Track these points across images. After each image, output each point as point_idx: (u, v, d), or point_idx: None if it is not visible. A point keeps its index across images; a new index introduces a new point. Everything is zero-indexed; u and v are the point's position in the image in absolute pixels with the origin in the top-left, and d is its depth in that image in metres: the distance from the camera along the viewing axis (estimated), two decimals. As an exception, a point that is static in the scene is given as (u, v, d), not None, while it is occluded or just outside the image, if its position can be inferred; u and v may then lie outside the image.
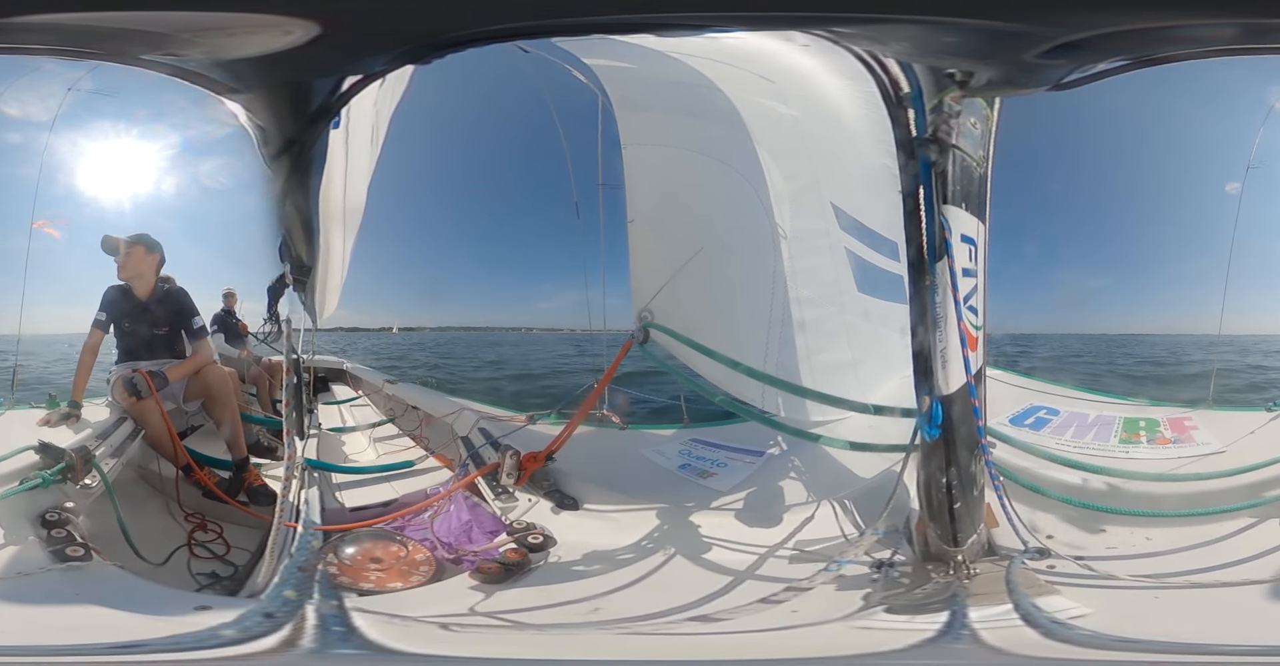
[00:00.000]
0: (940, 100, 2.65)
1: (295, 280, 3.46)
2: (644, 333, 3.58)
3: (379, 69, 2.72)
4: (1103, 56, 2.61)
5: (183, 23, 2.43)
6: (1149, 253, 3.60)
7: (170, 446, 3.39)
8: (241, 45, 2.51)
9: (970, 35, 2.54)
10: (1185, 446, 3.43)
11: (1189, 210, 3.54)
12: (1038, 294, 3.60)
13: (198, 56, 2.57)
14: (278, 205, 3.18)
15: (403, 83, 3.27)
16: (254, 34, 2.43)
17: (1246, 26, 2.55)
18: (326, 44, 2.42)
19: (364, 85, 2.79)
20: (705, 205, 3.71)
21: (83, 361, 3.35)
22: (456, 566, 3.01)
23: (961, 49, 2.60)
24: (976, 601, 2.55)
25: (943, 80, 2.65)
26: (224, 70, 2.64)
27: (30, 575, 2.62)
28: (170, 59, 2.60)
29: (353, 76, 2.72)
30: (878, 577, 2.77)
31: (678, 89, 3.50)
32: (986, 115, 2.75)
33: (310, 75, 2.69)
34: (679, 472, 3.51)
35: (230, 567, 3.13)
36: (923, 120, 2.68)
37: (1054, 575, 2.73)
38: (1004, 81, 2.69)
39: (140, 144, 3.40)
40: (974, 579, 2.70)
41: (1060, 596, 2.57)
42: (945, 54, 2.63)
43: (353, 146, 3.46)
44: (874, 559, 2.86)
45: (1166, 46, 2.61)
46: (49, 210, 3.31)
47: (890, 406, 3.35)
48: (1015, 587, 2.60)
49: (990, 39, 2.54)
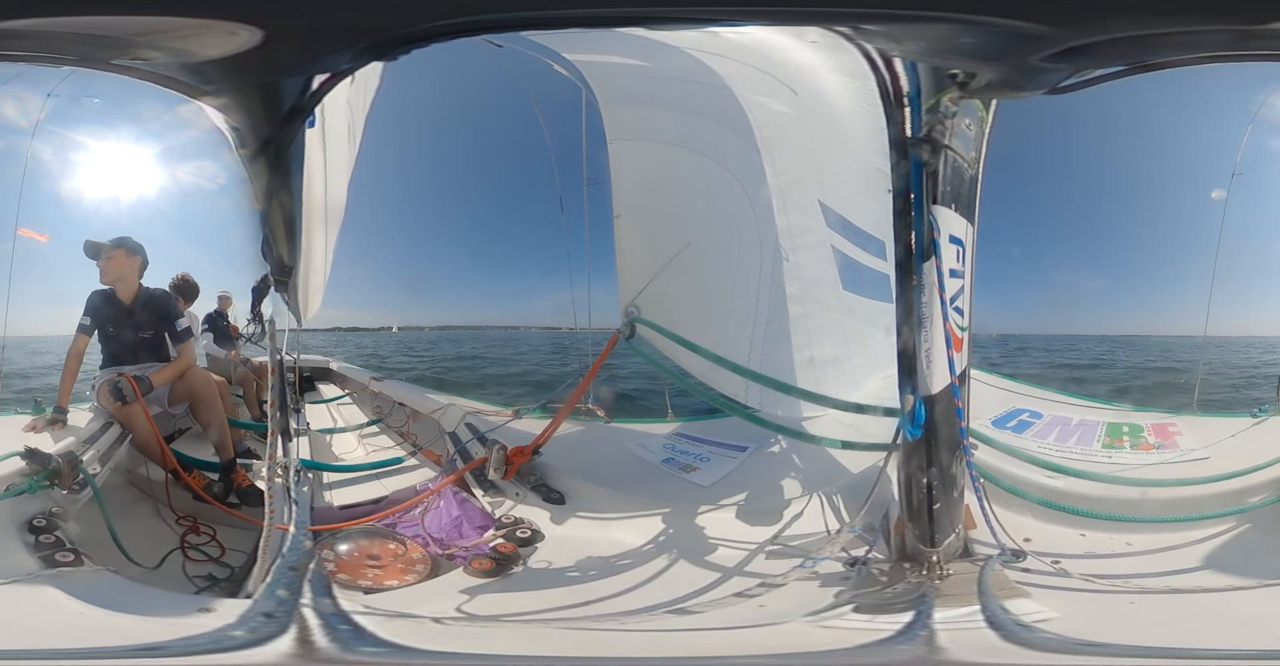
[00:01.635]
0: (938, 100, 2.63)
1: (277, 280, 3.45)
2: (630, 327, 3.57)
3: (345, 67, 2.70)
4: (1102, 62, 2.61)
5: (136, 27, 2.42)
6: (1140, 255, 3.62)
7: (158, 450, 3.40)
8: (201, 47, 2.49)
9: (988, 35, 2.51)
10: (1169, 452, 3.43)
11: (1177, 214, 3.56)
12: (1026, 295, 3.63)
13: (162, 60, 2.55)
14: (260, 206, 3.17)
15: (375, 80, 3.26)
16: (205, 36, 2.42)
17: (1237, 33, 2.54)
18: (278, 44, 2.40)
19: (333, 83, 2.76)
20: (692, 200, 3.70)
21: (68, 366, 3.35)
22: (450, 561, 3.05)
23: (974, 50, 2.58)
24: (945, 602, 2.55)
25: (944, 81, 2.63)
26: (191, 73, 2.62)
27: (19, 582, 2.61)
28: (138, 63, 2.58)
29: (320, 75, 2.70)
30: (850, 575, 2.78)
31: (666, 84, 3.48)
32: (981, 117, 2.73)
33: (275, 75, 2.67)
34: (662, 466, 3.52)
35: (227, 569, 3.15)
36: (918, 120, 2.66)
37: (1028, 577, 2.73)
38: (1003, 84, 2.68)
39: (119, 148, 3.41)
40: (945, 579, 2.70)
41: (1029, 599, 2.57)
42: (957, 54, 2.61)
43: (330, 145, 3.45)
44: (849, 556, 2.87)
45: (1162, 53, 2.60)
46: (30, 215, 3.31)
47: (873, 405, 3.35)
48: (986, 589, 2.61)
49: (1005, 40, 2.52)
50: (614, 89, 3.59)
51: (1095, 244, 3.62)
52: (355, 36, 2.50)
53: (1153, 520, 3.11)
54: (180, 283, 3.60)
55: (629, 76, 3.52)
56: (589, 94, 3.59)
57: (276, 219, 3.26)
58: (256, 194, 3.09)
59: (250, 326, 3.61)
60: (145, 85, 2.78)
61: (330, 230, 3.72)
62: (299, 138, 3.03)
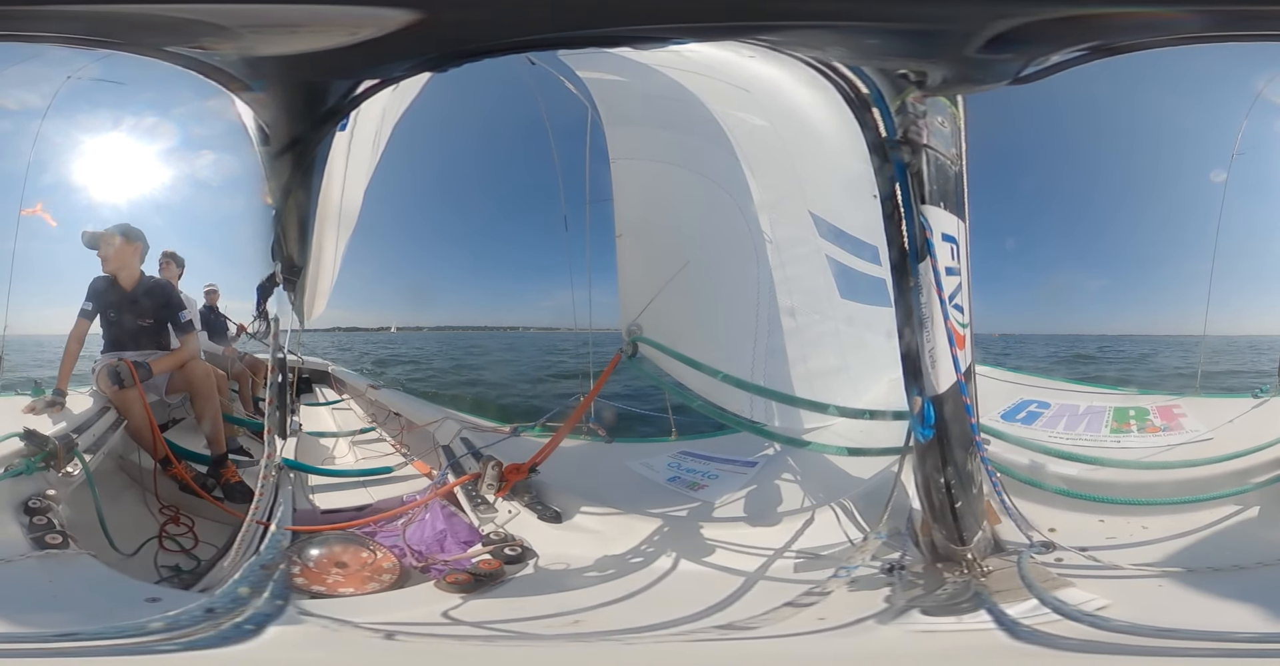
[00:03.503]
0: (903, 101, 2.64)
1: (285, 279, 3.45)
2: (632, 346, 3.59)
3: (398, 74, 2.71)
4: (1052, 47, 2.54)
5: (249, 16, 2.43)
6: (1136, 248, 3.60)
7: (150, 438, 3.36)
8: (282, 42, 2.51)
9: (891, 37, 2.53)
10: (1175, 434, 3.46)
11: (1173, 201, 3.55)
12: (1020, 292, 3.61)
13: (227, 51, 2.55)
14: (275, 203, 3.17)
15: (415, 89, 3.29)
16: (301, 32, 2.43)
17: (1211, 14, 2.52)
18: (376, 46, 2.41)
19: (379, 89, 2.77)
20: (688, 218, 3.76)
21: (68, 350, 3.31)
22: (424, 575, 2.97)
23: (895, 50, 2.58)
24: (1002, 598, 2.56)
25: (899, 82, 2.63)
26: (247, 66, 2.62)
27: (10, 562, 2.62)
28: (195, 51, 2.58)
29: (370, 80, 2.72)
30: (894, 581, 2.75)
31: (656, 102, 3.55)
32: (953, 113, 2.74)
33: (332, 77, 2.67)
34: (668, 485, 3.48)
35: (195, 561, 3.11)
36: (891, 122, 2.67)
37: (1062, 568, 2.75)
38: (960, 79, 2.65)
39: (135, 136, 3.38)
40: (989, 576, 2.71)
41: (1077, 589, 2.59)
42: (883, 56, 2.60)
43: (354, 149, 3.48)
44: (884, 562, 2.83)
45: (1121, 35, 2.54)
46: (37, 199, 3.28)
47: (881, 410, 3.36)
48: (1031, 583, 2.61)
49: (916, 39, 2.53)
50: (615, 108, 3.65)
51: (1093, 240, 3.63)
52: (432, 46, 2.52)
53: (1165, 502, 3.12)
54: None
55: (623, 95, 3.59)
56: (594, 112, 3.66)
57: (290, 218, 3.26)
58: (273, 191, 3.10)
59: (255, 323, 3.58)
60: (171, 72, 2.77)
61: (342, 234, 3.73)
62: (327, 139, 3.06)
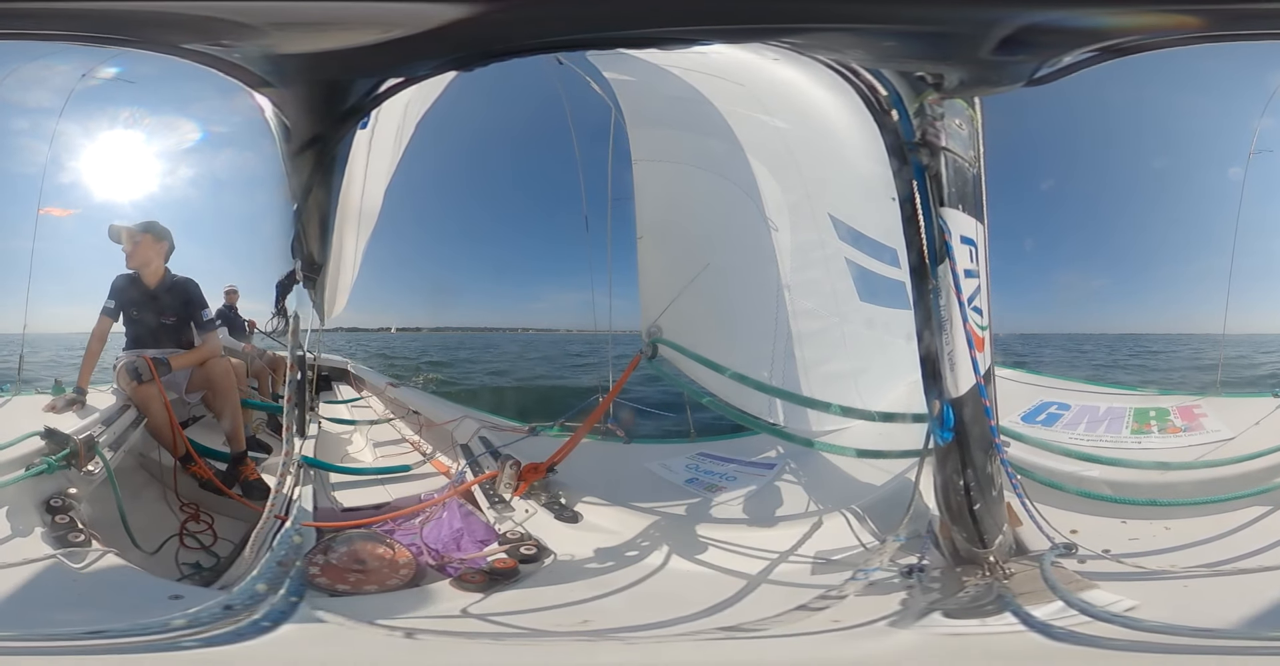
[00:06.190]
0: (921, 103, 2.65)
1: (305, 277, 3.45)
2: (652, 348, 3.59)
3: (423, 73, 2.71)
4: (1065, 48, 2.55)
5: (276, 13, 2.41)
6: (1151, 248, 3.54)
7: (170, 435, 3.37)
8: (308, 39, 2.50)
9: (907, 40, 2.54)
10: (1196, 434, 3.43)
11: (1190, 200, 3.50)
12: (1038, 293, 3.54)
13: (248, 47, 2.54)
14: (296, 201, 3.17)
15: (438, 88, 3.26)
16: (329, 29, 2.42)
17: (1216, 13, 2.52)
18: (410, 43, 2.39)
19: (402, 88, 2.78)
20: (708, 220, 3.75)
21: (90, 348, 3.31)
22: (440, 573, 2.97)
23: (913, 52, 2.59)
24: (1025, 600, 2.54)
25: (917, 83, 2.64)
26: (268, 63, 2.61)
27: (36, 561, 2.64)
28: (214, 48, 2.57)
29: (394, 78, 2.72)
30: (912, 583, 2.74)
31: (679, 104, 3.53)
32: (970, 116, 2.74)
33: (357, 75, 2.67)
34: (686, 487, 3.48)
35: (214, 558, 3.12)
36: (909, 125, 2.68)
37: (1086, 570, 2.73)
38: (976, 81, 2.66)
39: (154, 133, 3.37)
40: (1011, 578, 2.70)
41: (1103, 591, 2.58)
42: (901, 58, 2.61)
43: (376, 147, 3.47)
44: (902, 565, 2.83)
45: (1130, 36, 2.55)
46: (56, 198, 3.29)
47: (900, 412, 3.35)
48: (1056, 585, 2.59)
49: (930, 42, 2.54)
50: (638, 109, 3.64)
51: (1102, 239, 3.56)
52: (459, 45, 2.51)
53: (1188, 503, 3.10)
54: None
55: (647, 96, 3.58)
56: (618, 113, 3.65)
57: (311, 215, 3.26)
58: (294, 189, 3.10)
59: (274, 321, 3.58)
60: (191, 70, 2.75)
61: (363, 232, 3.72)
62: (349, 137, 3.05)
